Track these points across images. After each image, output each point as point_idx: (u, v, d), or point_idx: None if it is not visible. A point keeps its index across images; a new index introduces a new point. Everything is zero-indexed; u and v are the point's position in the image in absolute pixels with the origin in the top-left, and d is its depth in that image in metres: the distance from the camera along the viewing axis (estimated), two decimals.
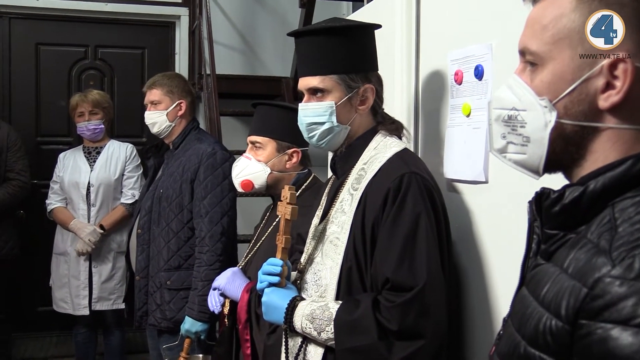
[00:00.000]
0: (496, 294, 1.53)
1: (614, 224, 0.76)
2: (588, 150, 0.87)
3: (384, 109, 1.72)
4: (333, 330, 1.49)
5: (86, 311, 3.65)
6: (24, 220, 4.23)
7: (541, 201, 0.89)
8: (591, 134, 0.86)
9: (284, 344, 1.63)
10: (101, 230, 3.62)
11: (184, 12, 4.97)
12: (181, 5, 4.97)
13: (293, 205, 1.65)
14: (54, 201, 3.76)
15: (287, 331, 1.61)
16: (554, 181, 0.93)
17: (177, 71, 4.70)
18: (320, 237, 1.66)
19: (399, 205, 1.48)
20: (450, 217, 1.59)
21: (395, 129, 1.69)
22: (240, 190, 2.33)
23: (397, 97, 1.95)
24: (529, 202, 0.93)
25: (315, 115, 1.64)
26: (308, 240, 1.73)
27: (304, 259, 1.70)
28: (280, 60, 5.03)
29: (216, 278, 2.27)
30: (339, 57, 1.62)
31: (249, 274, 2.21)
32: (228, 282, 2.18)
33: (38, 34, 4.81)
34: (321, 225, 1.68)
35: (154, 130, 2.87)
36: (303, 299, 1.60)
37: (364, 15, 2.23)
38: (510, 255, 1.43)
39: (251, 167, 2.24)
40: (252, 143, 2.26)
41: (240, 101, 4.73)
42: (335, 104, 1.62)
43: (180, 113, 2.85)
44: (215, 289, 2.26)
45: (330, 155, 1.94)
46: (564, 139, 0.88)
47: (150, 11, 4.91)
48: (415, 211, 1.48)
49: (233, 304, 2.16)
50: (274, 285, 1.63)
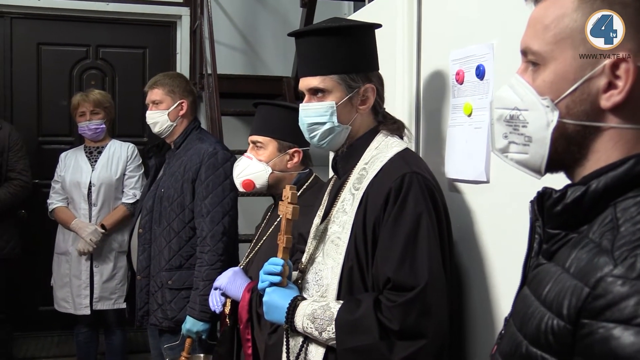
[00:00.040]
0: (497, 294, 1.53)
1: (616, 224, 0.76)
2: (590, 150, 0.87)
3: (385, 109, 1.72)
4: (334, 330, 1.49)
5: (87, 311, 3.65)
6: (26, 220, 4.24)
7: (543, 201, 0.89)
8: (593, 133, 0.86)
9: (285, 343, 1.63)
10: (102, 230, 3.63)
11: (185, 12, 4.97)
12: (182, 5, 4.97)
13: (294, 205, 1.65)
14: (55, 201, 3.76)
15: (288, 331, 1.61)
16: (555, 181, 0.93)
17: (179, 71, 4.71)
18: (322, 237, 1.66)
19: (400, 205, 1.48)
20: (451, 217, 1.59)
21: (397, 128, 1.69)
22: (241, 190, 2.33)
23: (399, 97, 1.95)
24: (531, 202, 0.93)
25: (316, 115, 1.64)
26: (309, 240, 1.73)
27: (305, 258, 1.71)
28: (281, 60, 5.03)
29: (217, 278, 2.27)
30: (339, 57, 1.62)
31: (250, 274, 2.21)
32: (229, 282, 2.18)
33: (39, 34, 4.81)
34: (322, 225, 1.68)
35: (156, 129, 2.87)
36: (304, 298, 1.60)
37: (365, 15, 2.23)
38: (511, 255, 1.42)
39: (252, 167, 2.24)
40: (254, 143, 2.26)
41: (241, 101, 4.73)
42: (336, 104, 1.62)
43: (181, 113, 2.85)
44: (216, 289, 2.26)
45: (331, 155, 1.94)
46: (566, 138, 0.88)
47: (152, 11, 4.92)
48: (417, 211, 1.47)
49: (234, 304, 2.16)
50: (275, 285, 1.63)
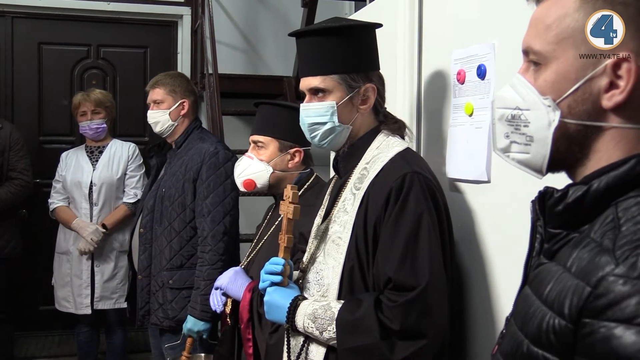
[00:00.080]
0: (498, 294, 1.53)
1: (618, 223, 0.76)
2: (591, 149, 0.87)
3: (386, 108, 1.72)
4: (335, 330, 1.49)
5: (88, 310, 3.65)
6: (27, 220, 4.25)
7: (544, 200, 0.89)
8: (595, 133, 0.86)
9: (286, 343, 1.63)
10: (103, 230, 3.63)
11: (186, 12, 4.97)
12: (183, 4, 4.97)
13: (295, 205, 1.65)
14: (56, 200, 3.77)
15: (289, 330, 1.61)
16: (557, 181, 0.93)
17: (180, 70, 4.71)
18: (323, 237, 1.66)
19: (401, 204, 1.48)
20: (452, 217, 1.59)
21: (398, 128, 1.69)
22: (242, 189, 2.33)
23: (400, 97, 1.95)
24: (532, 202, 0.93)
25: (316, 115, 1.64)
26: (310, 240, 1.73)
27: (306, 258, 1.71)
28: (282, 60, 5.03)
29: (218, 277, 2.27)
30: (340, 57, 1.62)
31: (251, 274, 2.21)
32: (230, 282, 2.18)
33: (40, 33, 4.81)
34: (323, 224, 1.68)
35: (157, 129, 2.87)
36: (305, 298, 1.60)
37: (366, 14, 2.23)
38: (512, 255, 1.42)
39: (253, 167, 2.24)
40: (255, 142, 2.26)
41: (242, 100, 4.74)
42: (337, 103, 1.62)
43: (182, 112, 2.85)
44: (217, 289, 2.26)
45: (332, 154, 1.94)
46: (568, 138, 0.88)
47: (153, 10, 4.92)
48: (418, 211, 1.47)
49: (235, 303, 2.16)
50: (276, 285, 1.63)
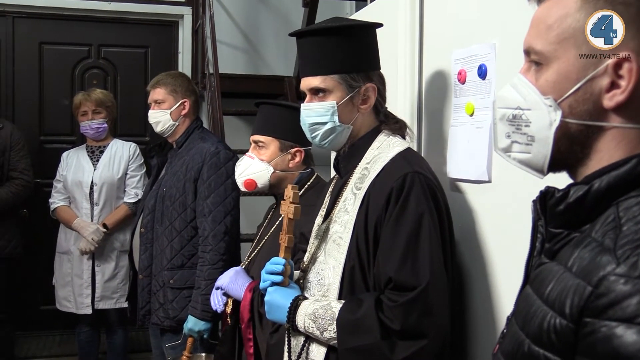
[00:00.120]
0: (499, 294, 1.53)
1: (619, 223, 0.76)
2: (593, 149, 0.87)
3: (387, 108, 1.72)
4: (335, 330, 1.49)
5: (89, 310, 3.65)
6: (27, 219, 4.25)
7: (545, 200, 0.89)
8: (596, 133, 0.86)
9: (286, 343, 1.63)
10: (104, 229, 3.63)
11: (187, 11, 4.98)
12: (184, 4, 4.98)
13: (296, 205, 1.65)
14: (57, 200, 3.77)
15: (290, 330, 1.61)
16: (558, 180, 0.93)
17: (180, 70, 4.70)
18: (323, 237, 1.66)
19: (402, 204, 1.48)
20: (453, 217, 1.59)
21: (399, 128, 1.69)
22: (243, 189, 2.33)
23: (401, 97, 1.95)
24: (533, 201, 0.93)
25: (317, 115, 1.64)
26: (311, 240, 1.73)
27: (307, 258, 1.71)
28: (283, 60, 5.03)
29: (219, 277, 2.27)
30: (340, 57, 1.62)
31: (251, 273, 2.22)
32: (231, 282, 2.18)
33: (41, 33, 4.81)
34: (324, 224, 1.68)
35: (158, 129, 2.87)
36: (306, 298, 1.60)
37: (367, 14, 2.23)
38: (513, 255, 1.42)
39: (254, 167, 2.24)
40: (255, 142, 2.26)
41: (243, 100, 4.74)
42: (337, 103, 1.62)
43: (183, 112, 2.85)
44: (218, 288, 2.26)
45: (333, 154, 1.94)
46: (569, 138, 0.88)
47: (154, 10, 4.92)
48: (418, 211, 1.47)
49: (236, 303, 2.17)
50: (276, 285, 1.63)
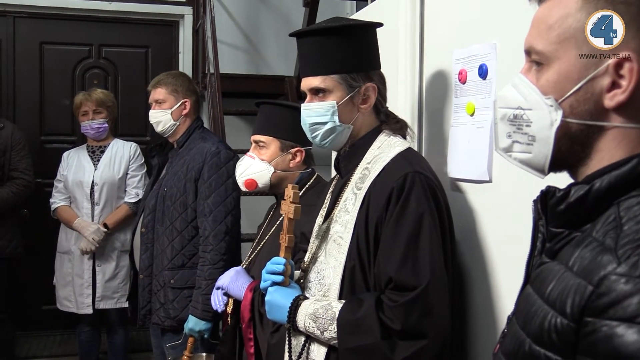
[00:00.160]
0: (500, 293, 1.53)
1: (620, 223, 0.77)
2: (594, 149, 0.87)
3: (387, 107, 1.72)
4: (336, 330, 1.49)
5: (90, 310, 3.66)
6: (28, 219, 4.25)
7: (546, 199, 0.89)
8: (597, 133, 0.86)
9: (287, 343, 1.63)
10: (105, 229, 3.63)
11: (187, 11, 4.98)
12: (185, 4, 4.98)
13: (296, 204, 1.65)
14: (58, 200, 3.77)
15: (291, 330, 1.61)
16: (558, 180, 0.93)
17: (181, 70, 4.70)
18: (324, 237, 1.66)
19: (403, 204, 1.48)
20: (454, 217, 1.59)
21: (400, 128, 1.69)
22: (244, 189, 2.33)
23: (401, 97, 1.95)
24: (534, 201, 0.94)
25: (317, 115, 1.64)
26: (311, 239, 1.73)
27: (307, 258, 1.71)
28: (283, 60, 5.03)
29: (220, 277, 2.28)
30: (340, 57, 1.62)
31: (252, 273, 2.22)
32: (231, 281, 2.18)
33: (42, 33, 4.82)
34: (325, 224, 1.68)
35: (158, 129, 2.87)
36: (306, 298, 1.61)
37: (368, 14, 2.23)
38: (514, 255, 1.42)
39: (255, 166, 2.24)
40: (256, 142, 2.26)
41: (243, 100, 4.74)
42: (337, 103, 1.62)
43: (184, 112, 2.85)
44: (218, 288, 2.26)
45: (334, 154, 1.95)
46: (570, 138, 0.88)
47: (154, 10, 4.93)
48: (419, 211, 1.47)
49: (236, 303, 2.17)
50: (277, 284, 1.63)
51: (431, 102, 1.89)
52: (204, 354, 2.56)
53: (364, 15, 2.27)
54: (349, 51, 1.62)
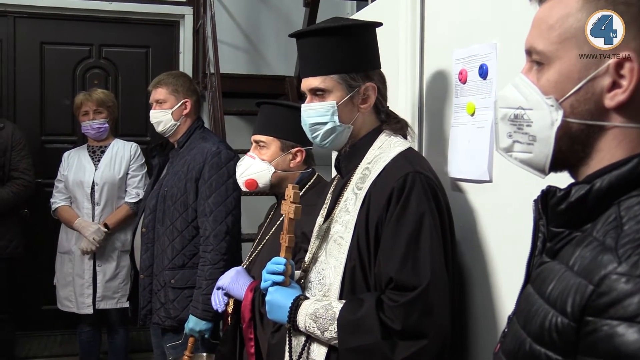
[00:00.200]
0: (500, 293, 1.53)
1: (620, 222, 0.77)
2: (594, 148, 0.87)
3: (388, 107, 1.72)
4: (336, 330, 1.49)
5: (90, 310, 3.66)
6: (28, 219, 4.25)
7: (547, 199, 0.89)
8: (597, 132, 0.86)
9: (287, 342, 1.63)
10: (105, 229, 3.63)
11: (188, 11, 4.98)
12: (185, 4, 4.98)
13: (297, 204, 1.65)
14: (58, 200, 3.77)
15: (291, 330, 1.61)
16: (559, 180, 0.93)
17: (182, 70, 4.70)
18: (324, 237, 1.66)
19: (403, 204, 1.48)
20: (454, 217, 1.59)
21: (400, 127, 1.69)
22: (244, 189, 2.33)
23: (402, 96, 1.95)
24: (535, 201, 0.94)
25: (317, 115, 1.64)
26: (312, 239, 1.73)
27: (307, 258, 1.71)
28: (284, 60, 5.03)
29: (220, 277, 2.28)
30: (339, 57, 1.62)
31: (253, 273, 2.22)
32: (232, 281, 2.18)
33: (42, 33, 4.82)
34: (325, 224, 1.68)
35: (159, 129, 2.88)
36: (307, 298, 1.61)
37: (368, 14, 2.23)
38: (514, 254, 1.43)
39: (255, 166, 2.24)
40: (256, 142, 2.26)
41: (244, 100, 4.74)
42: (337, 103, 1.63)
43: (185, 112, 2.86)
44: (219, 288, 2.26)
45: (334, 154, 1.95)
46: (570, 137, 0.88)
47: (155, 10, 4.93)
48: (419, 211, 1.47)
49: (237, 303, 2.17)
50: (278, 284, 1.63)
51: (431, 102, 1.89)
52: (205, 354, 2.56)
53: (364, 15, 2.27)
54: (348, 51, 1.62)
